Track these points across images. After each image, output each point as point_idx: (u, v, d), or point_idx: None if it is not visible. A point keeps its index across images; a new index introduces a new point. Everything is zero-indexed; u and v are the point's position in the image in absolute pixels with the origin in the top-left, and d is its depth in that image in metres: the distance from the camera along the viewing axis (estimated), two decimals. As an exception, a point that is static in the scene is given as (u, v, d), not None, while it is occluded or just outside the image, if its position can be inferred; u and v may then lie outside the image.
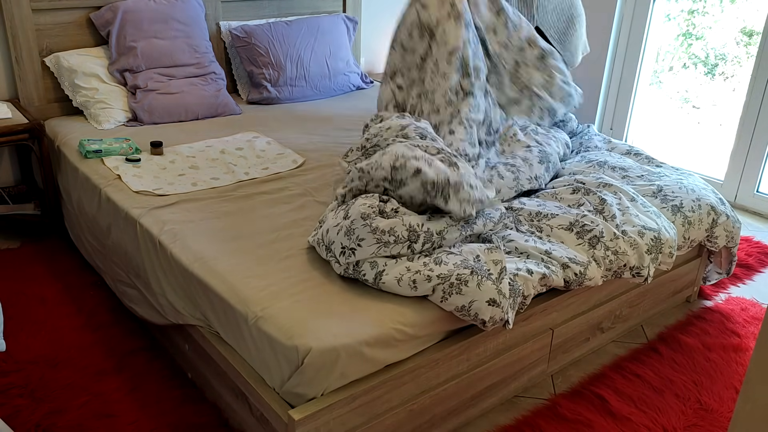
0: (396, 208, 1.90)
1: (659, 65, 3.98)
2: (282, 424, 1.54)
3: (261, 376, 1.66)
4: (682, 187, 2.38)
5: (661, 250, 2.11)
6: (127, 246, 2.19)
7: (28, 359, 2.13)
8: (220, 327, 1.80)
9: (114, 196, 2.28)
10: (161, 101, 2.96)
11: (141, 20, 2.98)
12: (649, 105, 4.07)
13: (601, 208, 2.14)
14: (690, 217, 2.27)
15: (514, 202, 2.16)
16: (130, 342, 2.24)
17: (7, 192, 3.03)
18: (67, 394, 1.98)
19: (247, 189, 2.34)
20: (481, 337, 1.84)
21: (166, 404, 1.96)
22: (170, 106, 2.98)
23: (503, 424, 1.95)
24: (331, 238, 1.82)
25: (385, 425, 1.69)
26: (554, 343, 2.08)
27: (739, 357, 2.27)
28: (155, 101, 2.94)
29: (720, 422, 1.97)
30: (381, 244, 1.76)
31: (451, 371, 1.81)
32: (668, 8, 3.80)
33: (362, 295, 1.73)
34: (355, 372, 1.60)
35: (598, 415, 1.98)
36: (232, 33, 3.36)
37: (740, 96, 3.55)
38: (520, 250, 1.92)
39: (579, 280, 1.91)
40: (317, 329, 1.57)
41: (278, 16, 3.59)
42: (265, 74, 3.33)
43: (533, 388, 2.11)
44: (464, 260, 1.75)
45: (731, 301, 2.62)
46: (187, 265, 1.88)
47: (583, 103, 4.13)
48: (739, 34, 3.67)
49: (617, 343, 2.35)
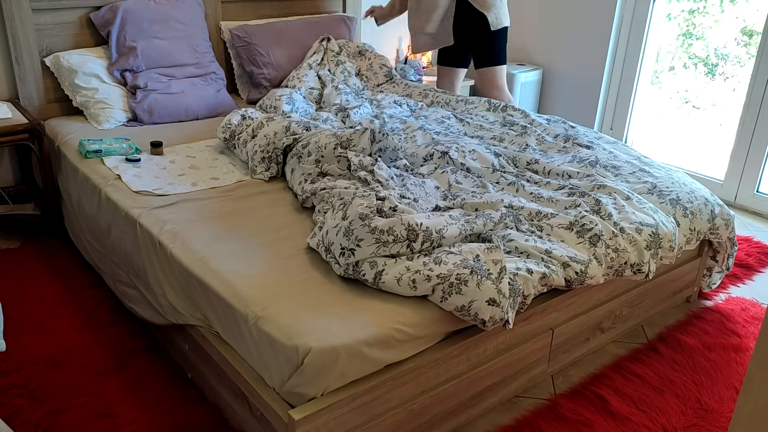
0: (394, 206, 1.90)
1: (659, 65, 3.98)
2: (282, 424, 1.54)
3: (261, 376, 1.66)
4: (675, 181, 2.42)
5: (660, 244, 2.11)
6: (127, 246, 2.19)
7: (28, 359, 2.13)
8: (220, 327, 1.80)
9: (114, 196, 2.28)
10: (161, 101, 2.96)
11: (141, 20, 2.99)
12: (649, 105, 4.07)
13: (597, 208, 2.14)
14: (689, 208, 2.29)
15: (514, 201, 2.16)
16: (130, 342, 2.24)
17: (7, 192, 3.03)
18: (67, 394, 1.98)
19: (247, 189, 2.34)
20: (481, 337, 1.84)
21: (166, 404, 1.96)
22: (170, 106, 2.97)
23: (503, 424, 1.95)
24: (331, 239, 1.82)
25: (385, 425, 1.69)
26: (554, 343, 2.08)
27: (739, 357, 2.27)
28: (155, 101, 2.94)
29: (720, 422, 1.97)
30: (380, 244, 1.76)
31: (451, 371, 1.81)
32: (668, 8, 3.80)
33: (362, 295, 1.73)
34: (355, 372, 1.59)
35: (598, 415, 1.98)
36: (232, 33, 3.36)
37: (740, 96, 3.55)
38: (521, 249, 1.92)
39: (580, 279, 1.91)
40: (317, 329, 1.57)
41: (278, 16, 3.59)
42: (265, 74, 3.33)
43: (533, 388, 2.11)
44: (464, 260, 1.75)
45: (731, 301, 2.62)
46: (187, 265, 1.88)
47: (582, 103, 4.13)
48: (739, 34, 3.67)
49: (617, 343, 2.35)
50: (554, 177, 2.44)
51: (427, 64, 4.27)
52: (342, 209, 1.90)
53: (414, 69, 4.07)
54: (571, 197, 2.22)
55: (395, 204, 1.90)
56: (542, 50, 4.25)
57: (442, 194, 2.23)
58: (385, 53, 4.22)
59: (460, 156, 2.47)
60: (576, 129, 2.86)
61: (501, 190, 2.31)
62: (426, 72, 4.20)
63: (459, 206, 2.13)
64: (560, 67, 4.18)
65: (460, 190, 2.28)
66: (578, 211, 2.10)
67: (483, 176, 2.41)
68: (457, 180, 2.35)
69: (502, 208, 2.09)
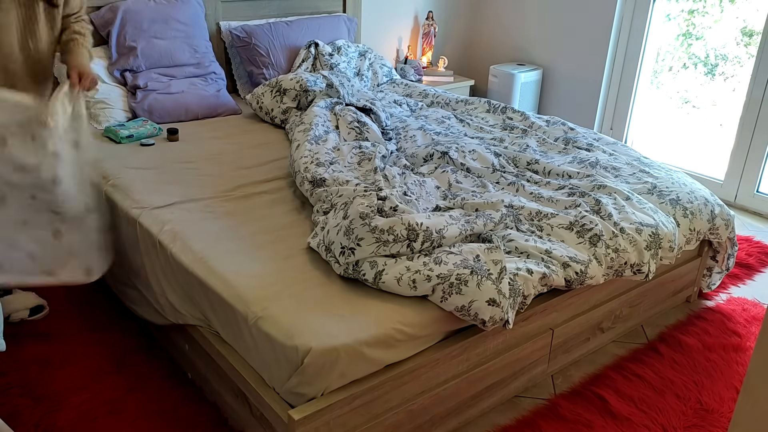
0: (395, 206, 1.90)
1: (659, 65, 3.98)
2: (282, 424, 1.54)
3: (261, 376, 1.66)
4: (674, 182, 2.42)
5: (660, 245, 2.11)
6: (127, 246, 2.19)
7: (28, 359, 2.13)
8: (220, 327, 1.80)
9: (114, 196, 2.28)
10: (161, 101, 2.95)
11: (141, 20, 2.98)
12: (649, 105, 4.07)
13: (597, 208, 2.14)
14: (689, 208, 2.29)
15: (514, 200, 2.16)
16: (130, 342, 2.24)
17: (7, 192, 3.03)
18: (67, 393, 1.98)
19: (247, 189, 2.34)
20: (481, 337, 1.84)
21: (166, 404, 1.96)
22: (170, 106, 2.97)
23: (503, 424, 1.95)
24: (331, 238, 1.82)
25: (385, 425, 1.69)
26: (554, 343, 2.08)
27: (739, 357, 2.27)
28: (155, 101, 2.94)
29: (720, 422, 1.97)
30: (380, 244, 1.76)
31: (451, 371, 1.81)
32: (668, 8, 3.80)
33: (362, 295, 1.73)
34: (355, 372, 1.59)
35: (598, 415, 1.98)
36: (232, 33, 3.36)
37: (740, 96, 3.55)
38: (521, 249, 1.92)
39: (580, 279, 1.91)
40: (317, 329, 1.57)
41: (278, 16, 3.59)
42: (265, 74, 3.33)
43: (533, 388, 2.11)
44: (464, 260, 1.75)
45: (732, 301, 2.62)
46: (187, 265, 1.88)
47: (582, 103, 4.13)
48: (739, 34, 3.67)
49: (617, 343, 2.35)
50: (554, 177, 2.44)
51: (427, 64, 4.27)
52: (343, 208, 1.90)
53: (414, 69, 4.07)
54: (571, 197, 2.22)
55: (396, 204, 1.90)
56: (542, 50, 4.25)
57: (442, 194, 2.23)
58: (385, 53, 4.22)
59: (460, 156, 2.47)
60: (576, 131, 2.86)
61: (501, 190, 2.31)
62: (426, 72, 4.20)
63: (459, 206, 2.13)
64: (560, 67, 4.18)
65: (461, 190, 2.28)
66: (578, 211, 2.10)
67: (483, 176, 2.41)
68: (457, 180, 2.34)
69: (503, 208, 2.09)
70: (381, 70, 3.69)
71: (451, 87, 4.10)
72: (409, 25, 4.26)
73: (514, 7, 4.31)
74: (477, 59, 4.62)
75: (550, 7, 4.12)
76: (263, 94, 3.04)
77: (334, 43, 3.54)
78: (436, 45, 4.41)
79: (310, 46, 3.43)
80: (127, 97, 2.96)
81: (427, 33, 4.21)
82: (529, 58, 4.34)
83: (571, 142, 2.73)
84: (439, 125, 2.94)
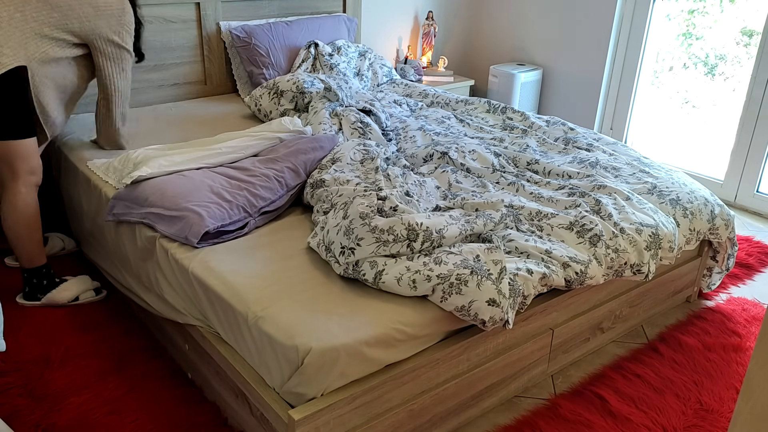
0: (395, 206, 1.90)
1: (659, 65, 3.98)
2: (282, 424, 1.54)
3: (261, 376, 1.66)
4: (674, 182, 2.42)
5: (660, 245, 2.11)
6: (127, 246, 2.19)
7: (28, 359, 2.13)
8: (220, 327, 1.80)
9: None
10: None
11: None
12: (649, 105, 4.07)
13: (597, 208, 2.14)
14: (689, 209, 2.29)
15: (514, 200, 2.16)
16: (130, 342, 2.24)
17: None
18: (66, 394, 1.98)
19: (247, 189, 2.34)
20: (481, 337, 1.84)
21: (166, 404, 1.96)
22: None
23: (503, 424, 1.95)
24: (331, 238, 1.82)
25: (385, 425, 1.69)
26: (554, 343, 2.08)
27: (739, 357, 2.27)
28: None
29: (720, 422, 1.97)
30: (380, 244, 1.76)
31: (451, 371, 1.81)
32: (668, 8, 3.80)
33: (362, 295, 1.73)
34: (355, 372, 1.59)
35: (598, 416, 1.98)
36: (232, 33, 3.36)
37: (740, 96, 3.55)
38: (521, 249, 1.92)
39: (580, 279, 1.91)
40: (317, 329, 1.57)
41: (278, 16, 3.59)
42: (265, 74, 3.33)
43: (533, 388, 2.11)
44: (464, 260, 1.75)
45: (732, 301, 2.62)
46: (187, 265, 1.88)
47: (582, 103, 4.13)
48: (739, 34, 3.67)
49: (617, 343, 2.35)
50: (554, 177, 2.44)
51: (427, 64, 4.27)
52: (343, 208, 1.90)
53: (414, 69, 4.07)
54: (572, 197, 2.22)
55: (396, 204, 1.90)
56: (542, 50, 4.25)
57: (442, 194, 2.23)
58: (385, 53, 4.22)
59: (459, 156, 2.48)
60: (576, 131, 2.86)
61: (501, 190, 2.31)
62: (426, 72, 4.20)
63: (459, 206, 2.13)
64: (560, 67, 4.18)
65: (461, 190, 2.28)
66: (578, 212, 2.10)
67: (483, 176, 2.41)
68: (457, 180, 2.35)
69: (503, 208, 2.09)
70: (381, 70, 3.69)
71: (451, 87, 4.10)
72: (409, 25, 4.26)
73: (514, 7, 4.31)
74: (477, 59, 4.63)
75: (550, 7, 4.12)
76: (261, 96, 3.04)
77: (334, 43, 3.54)
78: (436, 45, 4.41)
79: (310, 47, 3.42)
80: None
81: (427, 33, 4.21)
82: (529, 58, 4.34)
83: (571, 142, 2.73)
84: (439, 125, 2.94)
